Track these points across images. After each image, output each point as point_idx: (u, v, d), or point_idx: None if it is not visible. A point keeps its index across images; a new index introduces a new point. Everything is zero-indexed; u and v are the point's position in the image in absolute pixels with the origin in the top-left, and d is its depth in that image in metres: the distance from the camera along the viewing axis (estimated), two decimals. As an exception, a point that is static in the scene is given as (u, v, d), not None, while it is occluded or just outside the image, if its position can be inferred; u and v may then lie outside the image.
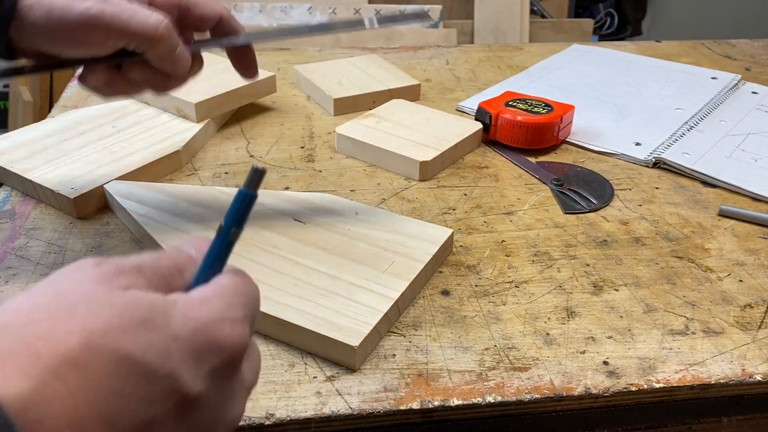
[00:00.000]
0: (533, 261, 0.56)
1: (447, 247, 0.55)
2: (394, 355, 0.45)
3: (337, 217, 0.56)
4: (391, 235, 0.54)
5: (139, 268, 0.29)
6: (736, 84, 0.91)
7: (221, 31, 0.51)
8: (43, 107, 1.91)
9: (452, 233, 0.55)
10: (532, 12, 2.10)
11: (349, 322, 0.44)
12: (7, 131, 0.91)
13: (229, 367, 0.28)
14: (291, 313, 0.45)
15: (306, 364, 0.44)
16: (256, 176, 0.31)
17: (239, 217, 0.31)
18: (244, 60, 0.54)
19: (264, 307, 0.46)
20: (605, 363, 0.45)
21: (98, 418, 0.23)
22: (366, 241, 0.53)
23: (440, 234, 0.54)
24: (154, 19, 0.44)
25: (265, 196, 0.59)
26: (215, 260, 0.31)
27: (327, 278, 0.49)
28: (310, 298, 0.47)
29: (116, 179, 0.61)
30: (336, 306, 0.46)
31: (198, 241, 0.33)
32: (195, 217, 0.56)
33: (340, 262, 0.50)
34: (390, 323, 0.47)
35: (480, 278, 0.53)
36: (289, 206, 0.57)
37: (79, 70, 0.49)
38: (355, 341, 0.43)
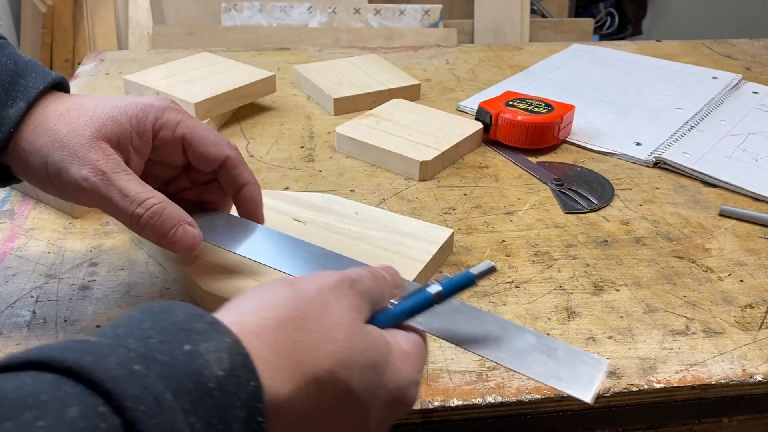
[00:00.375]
0: (533, 261, 0.56)
1: (447, 247, 0.55)
2: (394, 355, 0.45)
3: (337, 217, 0.56)
4: (391, 235, 0.54)
5: (365, 294, 0.34)
6: (737, 84, 0.91)
7: (227, 174, 0.46)
8: (43, 107, 1.91)
9: (452, 233, 0.55)
10: (532, 12, 2.10)
11: None
12: (6, 131, 0.91)
13: (394, 420, 0.34)
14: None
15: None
16: (489, 272, 0.36)
17: (454, 292, 0.36)
18: (250, 212, 0.49)
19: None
20: (605, 363, 0.45)
21: (312, 429, 0.30)
22: (366, 241, 0.53)
23: (440, 234, 0.54)
24: (139, 209, 0.41)
25: (264, 196, 0.58)
26: (413, 310, 0.36)
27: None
28: None
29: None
30: None
31: (389, 269, 0.38)
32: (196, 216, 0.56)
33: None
34: None
35: (480, 278, 0.53)
36: (289, 206, 0.57)
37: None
38: None
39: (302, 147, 0.74)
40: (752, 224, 0.62)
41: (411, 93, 0.84)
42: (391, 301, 0.36)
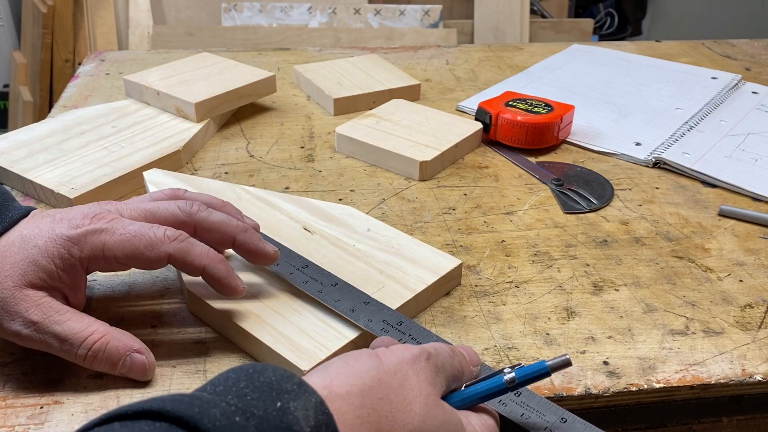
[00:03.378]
0: (533, 261, 0.56)
1: (452, 278, 0.51)
2: (394, 355, 0.45)
3: (347, 231, 0.54)
4: (393, 257, 0.51)
5: (441, 369, 0.36)
6: (737, 84, 0.91)
7: (181, 269, 0.43)
8: (43, 107, 1.91)
9: (459, 264, 0.51)
10: (532, 12, 2.10)
11: (309, 344, 0.43)
12: (7, 131, 0.91)
13: None
14: (255, 324, 0.44)
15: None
16: (564, 366, 0.36)
17: (528, 382, 0.37)
18: (253, 258, 0.47)
19: (235, 317, 0.45)
20: (605, 363, 0.45)
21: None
22: (365, 261, 0.51)
23: (446, 264, 0.51)
24: (81, 351, 0.40)
25: (283, 200, 0.58)
26: (487, 394, 0.37)
27: (308, 294, 0.47)
28: (282, 312, 0.45)
29: (116, 179, 0.61)
30: (304, 324, 0.44)
31: (468, 349, 0.40)
32: None
33: None
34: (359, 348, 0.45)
35: (480, 278, 0.53)
36: (306, 214, 0.56)
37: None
38: (306, 365, 0.41)
39: (302, 147, 0.74)
40: (752, 224, 0.62)
41: (411, 93, 0.84)
42: (465, 384, 0.38)
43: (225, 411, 0.27)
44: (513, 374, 0.37)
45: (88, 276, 0.44)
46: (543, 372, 0.37)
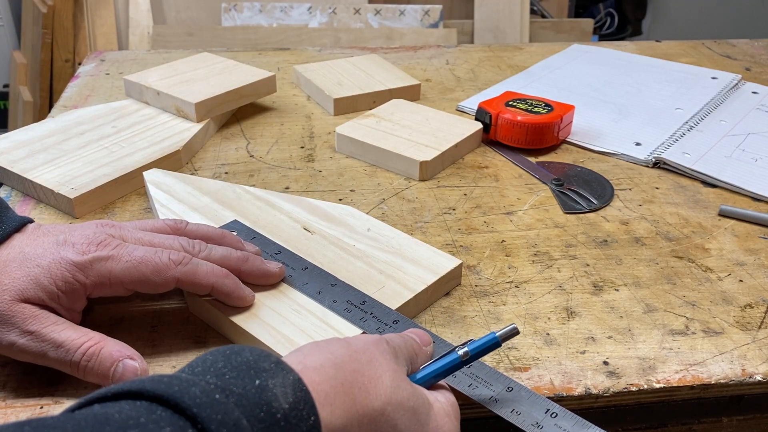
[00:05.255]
0: (533, 261, 0.56)
1: (452, 278, 0.51)
2: (394, 355, 0.45)
3: (347, 231, 0.54)
4: (393, 257, 0.51)
5: (398, 352, 0.38)
6: (736, 84, 0.91)
7: (189, 290, 0.45)
8: (43, 107, 1.91)
9: (460, 264, 0.51)
10: (532, 12, 2.10)
11: None
12: (7, 131, 0.91)
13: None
14: (255, 324, 0.44)
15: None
16: (512, 334, 0.39)
17: (480, 354, 0.39)
18: (261, 281, 0.47)
19: (234, 316, 0.45)
20: (605, 363, 0.45)
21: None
22: (365, 261, 0.51)
23: (446, 264, 0.51)
24: (76, 356, 0.40)
25: (283, 199, 0.58)
26: (445, 371, 0.39)
27: (308, 294, 0.47)
28: (282, 312, 0.45)
29: (116, 179, 0.61)
30: (305, 325, 0.44)
31: (417, 331, 0.42)
32: (209, 212, 0.56)
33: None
34: None
35: (480, 278, 0.53)
36: (304, 214, 0.56)
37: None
38: None
39: (302, 147, 0.74)
40: (752, 224, 0.62)
41: (411, 93, 0.84)
42: (422, 365, 0.40)
43: (204, 389, 0.28)
44: (466, 349, 0.39)
45: None
46: (493, 343, 0.39)
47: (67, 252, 0.41)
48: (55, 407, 0.41)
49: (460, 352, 0.39)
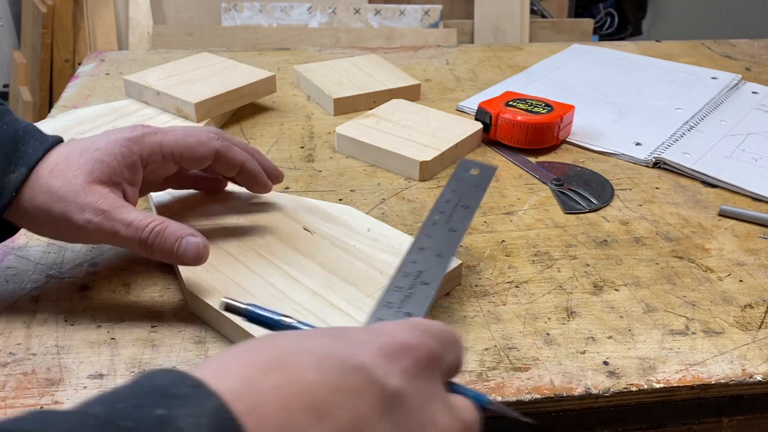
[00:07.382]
0: (533, 261, 0.56)
1: (452, 278, 0.51)
2: (394, 355, 0.45)
3: (347, 231, 0.54)
4: (393, 257, 0.51)
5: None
6: (737, 84, 0.91)
7: (221, 163, 0.51)
8: (43, 107, 1.91)
9: (460, 264, 0.51)
10: (532, 12, 2.10)
11: None
12: (7, 131, 0.91)
13: (422, 370, 0.30)
14: (255, 324, 0.43)
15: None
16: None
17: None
18: (252, 185, 0.54)
19: (234, 316, 0.45)
20: (605, 363, 0.45)
21: (306, 407, 0.25)
22: (365, 261, 0.51)
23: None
24: (144, 233, 0.44)
25: (283, 200, 0.58)
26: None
27: (308, 294, 0.47)
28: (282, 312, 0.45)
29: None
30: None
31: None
32: (207, 211, 0.56)
33: (329, 279, 0.49)
34: None
35: (480, 278, 0.53)
36: (305, 214, 0.56)
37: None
38: None
39: (302, 147, 0.74)
40: (752, 224, 0.62)
41: (411, 93, 0.84)
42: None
43: (74, 425, 0.22)
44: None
45: (89, 277, 0.44)
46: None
47: (118, 134, 0.48)
48: (55, 407, 0.41)
49: None
